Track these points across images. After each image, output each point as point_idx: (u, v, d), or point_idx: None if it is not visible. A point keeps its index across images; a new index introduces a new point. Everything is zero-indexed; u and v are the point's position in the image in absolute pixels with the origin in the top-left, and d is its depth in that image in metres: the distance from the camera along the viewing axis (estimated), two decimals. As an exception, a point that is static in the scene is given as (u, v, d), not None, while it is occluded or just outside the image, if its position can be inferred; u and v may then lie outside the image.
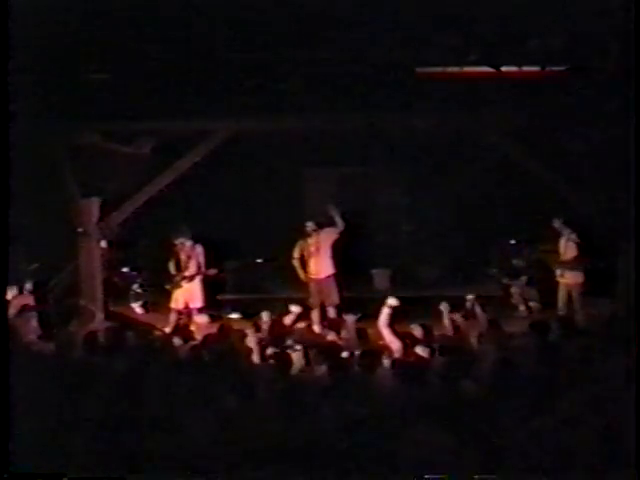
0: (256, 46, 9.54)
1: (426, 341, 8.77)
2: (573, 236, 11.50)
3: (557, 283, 11.71)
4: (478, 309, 9.89)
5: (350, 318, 10.43)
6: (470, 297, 10.34)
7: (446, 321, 9.51)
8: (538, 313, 11.79)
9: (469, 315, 9.89)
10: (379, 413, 6.22)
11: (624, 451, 5.59)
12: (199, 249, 11.84)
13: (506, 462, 5.53)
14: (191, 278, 11.64)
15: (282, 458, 5.61)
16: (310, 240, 11.62)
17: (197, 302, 11.74)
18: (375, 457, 5.60)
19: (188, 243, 11.77)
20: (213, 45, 9.57)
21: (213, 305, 12.15)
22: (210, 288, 12.16)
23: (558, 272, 11.63)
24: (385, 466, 5.52)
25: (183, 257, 11.75)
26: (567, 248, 11.56)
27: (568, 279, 11.57)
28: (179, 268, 11.80)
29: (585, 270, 11.51)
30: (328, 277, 11.48)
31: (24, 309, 9.97)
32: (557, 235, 11.74)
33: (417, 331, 9.19)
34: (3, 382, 6.14)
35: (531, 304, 12.03)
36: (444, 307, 9.70)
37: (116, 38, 9.32)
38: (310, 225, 11.65)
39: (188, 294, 11.70)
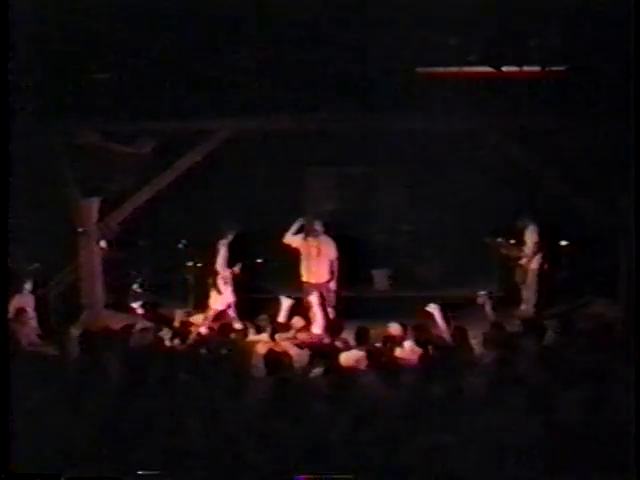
0: (256, 46, 9.54)
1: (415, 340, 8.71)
2: (535, 227, 11.84)
3: (520, 269, 11.96)
4: (488, 307, 9.82)
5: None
6: (482, 293, 10.27)
7: (439, 322, 9.43)
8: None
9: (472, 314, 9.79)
10: (379, 414, 6.23)
11: (624, 452, 5.58)
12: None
13: (506, 462, 5.52)
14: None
15: (280, 458, 5.61)
16: (312, 241, 11.60)
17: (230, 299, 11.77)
18: (375, 458, 5.60)
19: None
20: (213, 45, 9.57)
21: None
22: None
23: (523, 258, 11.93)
24: (384, 466, 5.52)
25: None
26: (529, 234, 11.84)
27: (530, 264, 11.85)
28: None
29: (544, 256, 11.81)
30: (327, 282, 11.48)
31: (20, 312, 9.94)
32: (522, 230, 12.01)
33: (395, 329, 9.13)
34: (3, 382, 6.13)
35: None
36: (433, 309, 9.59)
37: (116, 38, 9.32)
38: (317, 225, 11.64)
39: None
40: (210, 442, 5.83)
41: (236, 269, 11.82)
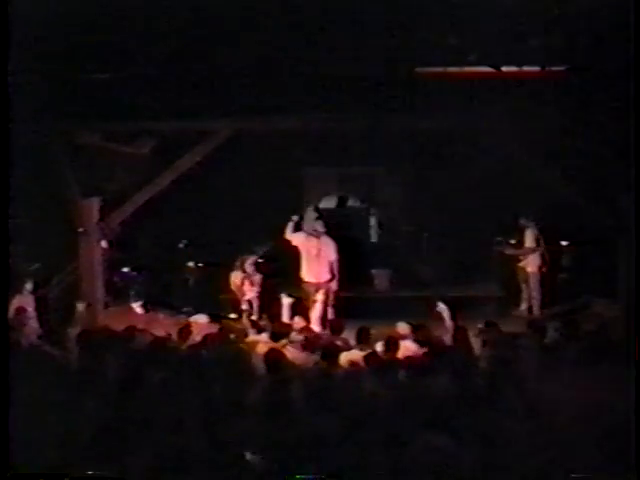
0: (256, 46, 9.54)
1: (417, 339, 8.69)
2: (533, 228, 12.03)
3: (521, 271, 12.13)
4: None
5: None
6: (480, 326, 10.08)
7: (447, 322, 9.39)
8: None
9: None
10: (378, 413, 6.23)
11: (624, 452, 5.58)
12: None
13: (506, 462, 5.52)
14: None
15: (280, 458, 5.61)
16: (313, 241, 11.58)
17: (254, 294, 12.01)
18: (374, 458, 5.60)
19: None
20: (213, 45, 9.57)
21: (213, 305, 12.15)
22: (212, 289, 12.23)
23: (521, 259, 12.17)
24: (384, 467, 5.52)
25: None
26: (527, 237, 12.02)
27: (528, 266, 12.00)
28: None
29: (543, 259, 11.97)
30: (327, 282, 11.47)
31: (19, 312, 9.93)
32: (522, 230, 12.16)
33: (403, 329, 9.11)
34: (3, 382, 6.13)
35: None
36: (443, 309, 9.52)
37: (116, 38, 9.32)
38: (318, 225, 11.65)
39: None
40: (210, 442, 5.83)
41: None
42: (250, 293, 11.94)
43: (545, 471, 5.49)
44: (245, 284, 11.90)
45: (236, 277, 11.94)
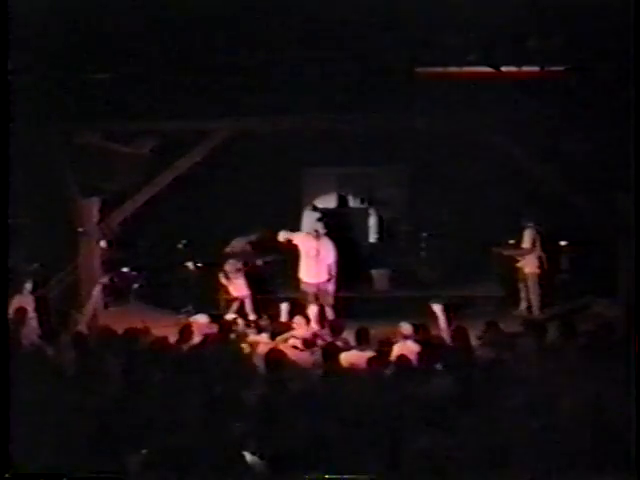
0: (256, 46, 9.55)
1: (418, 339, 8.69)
2: (532, 229, 11.83)
3: (519, 271, 12.02)
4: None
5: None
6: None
7: (442, 322, 9.36)
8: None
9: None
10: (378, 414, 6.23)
11: (624, 452, 5.58)
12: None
13: (506, 462, 5.52)
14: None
15: (280, 458, 5.61)
16: (312, 241, 11.56)
17: (243, 291, 11.94)
18: (374, 458, 5.60)
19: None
20: (213, 45, 9.57)
21: (213, 305, 12.16)
22: (211, 288, 12.22)
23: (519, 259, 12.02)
24: (384, 467, 5.52)
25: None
26: (525, 237, 11.86)
27: (526, 267, 11.87)
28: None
29: (540, 259, 11.82)
30: (325, 282, 11.45)
31: (20, 312, 9.93)
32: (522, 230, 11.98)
33: (407, 329, 9.11)
34: (3, 382, 6.13)
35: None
36: (437, 308, 9.47)
37: (116, 38, 9.32)
38: (319, 227, 11.64)
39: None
40: (210, 442, 5.83)
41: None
42: (236, 292, 11.91)
43: (545, 471, 5.49)
44: (226, 281, 11.90)
45: (221, 275, 11.97)
